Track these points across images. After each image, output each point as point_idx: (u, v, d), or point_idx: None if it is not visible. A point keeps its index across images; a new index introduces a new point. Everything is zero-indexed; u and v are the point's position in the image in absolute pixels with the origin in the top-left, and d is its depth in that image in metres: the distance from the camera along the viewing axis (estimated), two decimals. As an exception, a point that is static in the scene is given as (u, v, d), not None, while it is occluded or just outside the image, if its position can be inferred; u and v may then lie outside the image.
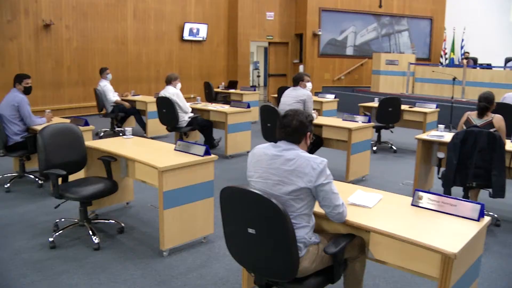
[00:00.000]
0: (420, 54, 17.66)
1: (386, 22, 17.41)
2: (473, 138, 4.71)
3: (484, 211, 2.93)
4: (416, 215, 3.02)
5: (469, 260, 2.83)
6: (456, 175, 4.84)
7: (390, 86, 14.76)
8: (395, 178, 6.98)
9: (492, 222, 5.28)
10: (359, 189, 3.40)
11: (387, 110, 8.59)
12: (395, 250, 2.75)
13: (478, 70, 14.46)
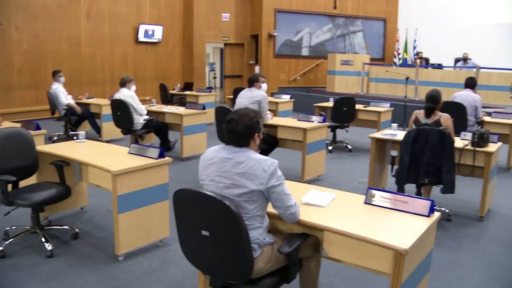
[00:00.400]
0: (374, 54, 17.97)
1: (341, 23, 17.65)
2: (424, 136, 4.82)
3: (434, 207, 3.01)
4: (369, 213, 3.07)
5: (420, 255, 2.89)
6: (408, 173, 4.94)
7: (345, 86, 14.97)
8: (351, 177, 7.07)
9: (444, 217, 5.42)
10: (313, 189, 3.42)
11: (342, 109, 8.70)
12: (349, 248, 2.78)
13: (430, 70, 14.82)
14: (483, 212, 5.49)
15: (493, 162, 5.42)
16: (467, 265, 4.35)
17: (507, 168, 8.06)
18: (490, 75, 13.17)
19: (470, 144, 5.35)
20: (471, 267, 4.31)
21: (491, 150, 5.31)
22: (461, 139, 5.59)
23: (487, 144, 5.39)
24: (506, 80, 13.00)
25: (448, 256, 4.50)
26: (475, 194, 5.64)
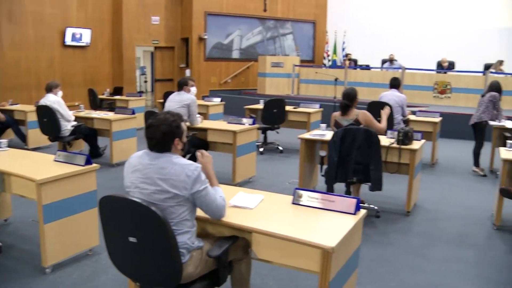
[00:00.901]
0: (304, 56, 18.24)
1: (271, 25, 17.82)
2: (351, 136, 4.93)
3: (360, 205, 3.08)
4: (296, 213, 3.11)
5: (347, 252, 2.96)
6: (337, 172, 5.05)
7: (276, 88, 15.12)
8: (282, 178, 7.14)
9: (373, 214, 5.58)
10: (241, 191, 3.44)
11: (272, 111, 8.78)
12: (277, 249, 2.80)
13: (358, 71, 15.23)
14: (409, 207, 5.69)
15: (417, 159, 5.63)
16: (395, 259, 4.50)
17: (431, 164, 8.37)
18: (414, 75, 13.68)
19: (396, 142, 5.53)
20: (399, 261, 4.45)
21: (415, 147, 5.51)
22: (387, 138, 5.76)
23: (412, 142, 5.59)
24: (430, 80, 13.55)
25: (377, 252, 4.63)
26: (402, 190, 5.83)
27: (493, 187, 6.30)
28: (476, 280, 4.14)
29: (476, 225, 5.51)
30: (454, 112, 11.27)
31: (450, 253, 4.70)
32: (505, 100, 11.00)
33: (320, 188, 6.06)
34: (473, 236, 5.18)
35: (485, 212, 5.91)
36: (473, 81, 12.97)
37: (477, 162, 7.84)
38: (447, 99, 13.30)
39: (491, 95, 7.57)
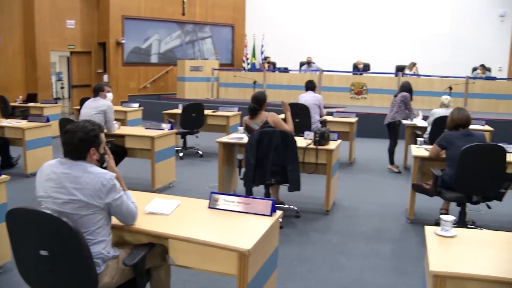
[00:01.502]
0: (224, 59, 18.25)
1: (190, 29, 17.71)
2: (268, 138, 4.97)
3: (275, 206, 3.11)
4: (213, 217, 3.10)
5: (265, 253, 2.97)
6: (255, 174, 5.07)
7: (195, 92, 15.03)
8: (203, 182, 7.10)
9: (293, 214, 5.66)
10: (157, 197, 3.38)
11: (191, 115, 8.72)
12: (195, 254, 2.78)
13: (276, 73, 15.40)
14: (328, 206, 5.81)
15: (334, 159, 5.76)
16: (315, 257, 4.58)
17: (349, 163, 8.60)
18: (331, 77, 14.00)
19: (313, 143, 5.63)
20: (319, 259, 4.53)
21: (332, 147, 5.64)
22: (304, 139, 5.86)
23: (328, 142, 5.72)
24: (346, 81, 13.92)
25: (298, 251, 4.70)
26: (320, 189, 5.94)
27: (407, 183, 6.54)
28: (392, 273, 4.30)
29: (391, 220, 5.71)
30: (370, 112, 11.65)
31: (368, 248, 4.84)
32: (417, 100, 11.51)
33: (240, 191, 6.07)
34: (389, 231, 5.36)
35: (400, 207, 6.13)
36: (387, 82, 13.44)
37: (392, 160, 8.13)
38: (363, 99, 13.72)
39: (403, 95, 7.87)
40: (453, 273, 2.49)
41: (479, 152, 4.66)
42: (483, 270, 2.52)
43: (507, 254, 2.76)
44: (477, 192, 4.80)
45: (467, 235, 3.08)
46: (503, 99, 13.17)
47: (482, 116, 9.80)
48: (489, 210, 5.30)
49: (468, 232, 3.29)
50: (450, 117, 5.12)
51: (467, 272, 2.49)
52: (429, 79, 13.46)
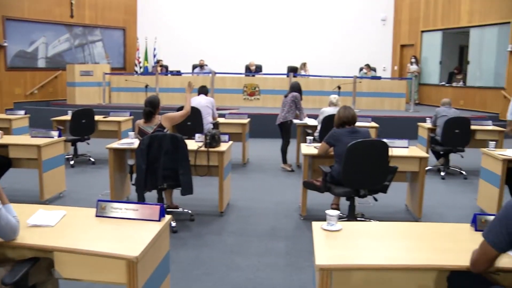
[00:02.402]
0: (116, 63, 17.82)
1: (79, 32, 17.10)
2: (158, 142, 4.92)
3: (164, 211, 3.07)
4: (100, 226, 3.01)
5: (155, 259, 2.93)
6: (147, 180, 5.00)
7: (86, 97, 14.55)
8: (95, 190, 6.86)
9: (187, 218, 5.63)
10: (40, 209, 3.23)
11: (81, 122, 8.42)
12: (82, 265, 2.68)
13: (169, 76, 15.27)
14: (222, 207, 5.84)
15: (226, 160, 5.80)
16: (211, 259, 4.58)
17: (243, 164, 8.69)
18: (224, 79, 14.11)
19: (204, 146, 5.64)
20: (215, 261, 4.54)
21: (223, 149, 5.68)
22: (195, 142, 5.85)
23: (219, 144, 5.75)
24: (239, 83, 14.08)
25: (193, 254, 4.68)
26: (214, 191, 5.94)
27: (299, 181, 6.71)
28: (287, 269, 4.40)
29: (285, 218, 5.84)
30: (263, 113, 11.86)
31: (263, 247, 4.92)
32: (308, 100, 11.90)
33: (133, 197, 5.95)
34: (283, 228, 5.48)
35: (293, 204, 6.29)
36: (279, 83, 13.75)
37: (285, 159, 8.32)
38: (256, 100, 13.94)
39: (293, 96, 8.07)
40: (338, 265, 2.59)
41: (364, 147, 4.89)
42: (368, 260, 2.64)
43: (391, 243, 2.91)
44: (363, 185, 5.04)
45: (352, 227, 3.21)
46: (387, 97, 13.95)
47: (369, 114, 10.33)
48: (377, 202, 5.58)
49: (355, 224, 3.43)
50: (337, 115, 5.34)
51: (352, 263, 2.60)
52: (320, 79, 13.95)
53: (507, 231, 2.19)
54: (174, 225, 5.23)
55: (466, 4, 14.73)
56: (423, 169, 5.72)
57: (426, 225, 3.48)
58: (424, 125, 8.90)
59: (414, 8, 17.06)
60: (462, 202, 6.72)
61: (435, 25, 16.10)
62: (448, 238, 2.98)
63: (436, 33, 16.17)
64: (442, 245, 2.84)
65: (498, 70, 13.73)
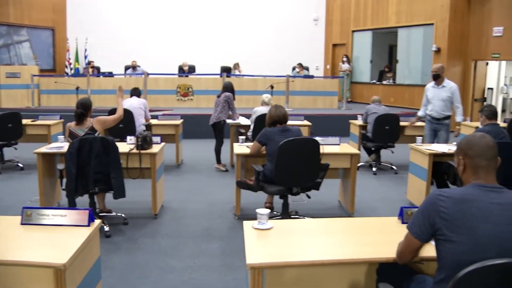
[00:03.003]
0: (45, 65, 17.24)
1: (3, 32, 16.45)
2: (88, 145, 4.82)
3: (93, 216, 3.02)
4: (26, 234, 2.92)
5: (85, 265, 2.88)
6: (77, 184, 4.88)
7: (14, 100, 14.00)
8: (24, 197, 6.62)
9: (121, 222, 5.54)
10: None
11: (7, 126, 8.09)
12: (7, 276, 2.58)
13: (101, 78, 14.99)
14: (156, 210, 5.79)
15: (158, 162, 5.76)
16: (146, 263, 4.53)
17: (177, 165, 8.64)
18: (157, 80, 13.97)
19: (135, 148, 5.57)
20: (149, 264, 4.50)
21: (155, 151, 5.63)
22: (127, 144, 5.77)
23: (151, 146, 5.70)
24: (172, 84, 13.97)
25: (128, 259, 4.62)
26: (148, 194, 5.88)
27: (233, 180, 6.73)
28: (222, 269, 4.42)
29: (220, 218, 5.86)
30: (196, 114, 11.82)
31: (198, 248, 4.91)
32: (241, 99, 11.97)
33: (64, 203, 5.80)
34: (217, 229, 5.50)
35: (227, 204, 6.31)
36: (213, 83, 13.73)
37: (219, 159, 8.33)
38: (190, 101, 13.87)
39: (226, 96, 8.09)
40: (269, 263, 2.62)
41: (295, 146, 4.97)
42: (300, 257, 2.69)
43: (323, 239, 2.98)
44: (296, 183, 5.12)
45: (285, 225, 3.28)
46: (320, 95, 14.25)
47: (302, 112, 10.49)
48: (311, 199, 5.69)
49: (288, 222, 3.48)
50: (268, 114, 5.39)
51: (284, 261, 2.64)
52: (253, 79, 14.05)
53: (429, 222, 2.29)
54: (107, 229, 5.14)
55: (394, 5, 15.26)
56: (355, 165, 5.87)
57: (358, 220, 3.59)
58: (355, 122, 9.12)
59: (345, 9, 17.49)
60: (393, 196, 6.95)
61: (365, 25, 16.57)
62: (377, 231, 3.09)
63: (366, 33, 16.65)
64: (372, 239, 2.94)
65: (425, 69, 14.28)
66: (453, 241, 2.20)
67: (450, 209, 2.22)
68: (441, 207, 2.24)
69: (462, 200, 2.23)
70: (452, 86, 7.49)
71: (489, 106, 6.06)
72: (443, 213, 2.23)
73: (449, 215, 2.22)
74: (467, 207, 2.21)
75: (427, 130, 7.76)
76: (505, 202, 2.23)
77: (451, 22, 13.53)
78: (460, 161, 2.41)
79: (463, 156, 2.39)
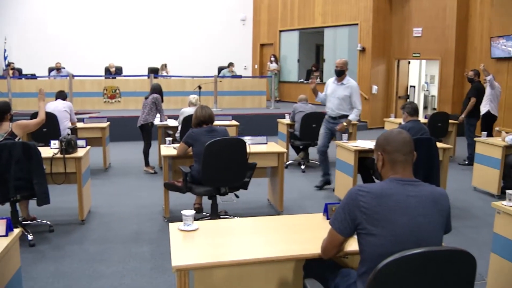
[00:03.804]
0: (-40, 67, 16.49)
1: None
2: (7, 151, 4.62)
3: (12, 225, 2.92)
4: None
5: (3, 278, 2.79)
6: (-4, 192, 4.70)
7: None
8: None
9: (46, 229, 5.36)
10: None
11: None
12: None
13: (23, 80, 14.42)
14: (83, 215, 5.65)
15: (84, 166, 5.62)
16: (73, 270, 4.41)
17: (104, 169, 8.46)
18: (83, 82, 13.60)
19: (59, 152, 5.41)
20: (77, 272, 4.39)
21: (80, 155, 5.49)
22: (51, 148, 5.60)
23: (76, 150, 5.56)
24: (99, 86, 13.62)
25: (54, 267, 4.47)
26: (74, 199, 5.72)
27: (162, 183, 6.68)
28: (153, 273, 4.37)
29: (149, 221, 5.79)
30: (124, 116, 11.63)
31: (127, 253, 4.83)
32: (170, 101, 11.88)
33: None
34: (147, 232, 5.43)
35: (156, 207, 6.25)
36: (140, 85, 13.52)
37: (147, 161, 8.23)
38: (117, 103, 13.59)
39: (153, 97, 8.01)
40: (195, 265, 2.62)
41: (221, 146, 4.98)
42: (227, 256, 2.70)
43: (251, 238, 3.01)
44: (223, 183, 5.14)
45: (213, 226, 3.29)
46: (249, 95, 14.35)
47: (231, 112, 10.52)
48: (240, 199, 5.72)
49: (216, 222, 3.49)
50: (194, 115, 5.38)
51: (211, 261, 2.63)
52: (181, 80, 13.98)
53: (350, 217, 2.35)
54: (31, 238, 4.96)
55: (320, 6, 15.59)
56: (282, 163, 5.94)
57: (285, 218, 3.64)
58: (283, 121, 9.23)
59: (272, 9, 17.69)
60: (321, 193, 7.09)
61: (292, 25, 16.82)
62: (304, 228, 3.14)
63: (294, 33, 16.90)
64: (299, 236, 2.99)
65: (350, 68, 14.59)
66: (374, 234, 2.28)
67: (370, 203, 2.30)
68: (361, 201, 2.31)
69: (381, 194, 2.31)
70: (353, 85, 6.93)
71: (410, 103, 6.28)
72: (363, 207, 2.30)
73: (369, 209, 2.29)
74: (386, 201, 2.29)
75: (322, 129, 7.25)
76: (420, 195, 2.33)
77: (374, 22, 13.97)
78: (379, 156, 2.49)
79: (381, 152, 2.47)
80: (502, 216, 3.71)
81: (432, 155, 5.44)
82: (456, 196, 6.84)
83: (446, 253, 2.10)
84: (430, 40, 13.36)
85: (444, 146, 6.52)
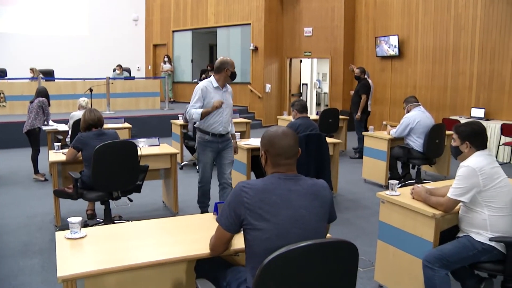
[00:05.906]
0: None
1: None
2: None
3: None
4: None
5: None
6: None
7: None
8: None
9: None
10: None
11: None
12: None
13: None
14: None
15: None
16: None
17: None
18: None
19: None
20: None
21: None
22: None
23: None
24: None
25: None
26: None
27: (53, 190, 6.44)
28: (44, 286, 4.20)
29: (39, 231, 5.55)
30: (10, 121, 11.07)
31: (16, 266, 4.60)
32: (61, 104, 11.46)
33: None
34: (37, 243, 5.19)
35: (47, 216, 6.00)
36: (28, 88, 12.85)
37: (36, 168, 7.88)
38: (2, 108, 12.83)
39: (40, 101, 7.68)
40: (83, 273, 2.52)
41: (112, 149, 4.87)
42: (118, 262, 2.63)
43: (143, 241, 2.97)
44: (115, 187, 5.02)
45: (104, 231, 3.19)
46: (142, 96, 14.17)
47: (124, 114, 10.32)
48: (135, 202, 5.62)
49: (107, 228, 3.38)
50: (82, 118, 5.21)
51: (100, 268, 2.55)
52: (71, 82, 13.45)
53: (235, 213, 2.39)
54: None
55: (212, 6, 15.68)
56: (175, 164, 5.91)
57: (178, 219, 3.61)
58: (176, 122, 9.14)
59: (165, 9, 17.54)
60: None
61: (185, 25, 16.78)
62: (196, 228, 3.15)
63: (187, 33, 16.87)
64: (190, 237, 2.99)
65: (244, 67, 14.85)
66: (259, 229, 2.33)
67: (253, 198, 2.35)
68: (244, 197, 2.36)
69: (263, 189, 2.37)
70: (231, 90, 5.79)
71: (299, 101, 6.44)
72: (246, 203, 2.35)
73: (252, 204, 2.34)
74: (268, 196, 2.35)
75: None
76: (301, 189, 2.41)
77: (267, 22, 14.26)
78: (263, 155, 2.54)
79: (265, 152, 2.53)
80: (386, 205, 3.91)
81: (322, 150, 5.61)
82: (347, 188, 7.10)
83: (329, 244, 2.17)
84: (320, 39, 13.86)
85: (335, 141, 6.77)
